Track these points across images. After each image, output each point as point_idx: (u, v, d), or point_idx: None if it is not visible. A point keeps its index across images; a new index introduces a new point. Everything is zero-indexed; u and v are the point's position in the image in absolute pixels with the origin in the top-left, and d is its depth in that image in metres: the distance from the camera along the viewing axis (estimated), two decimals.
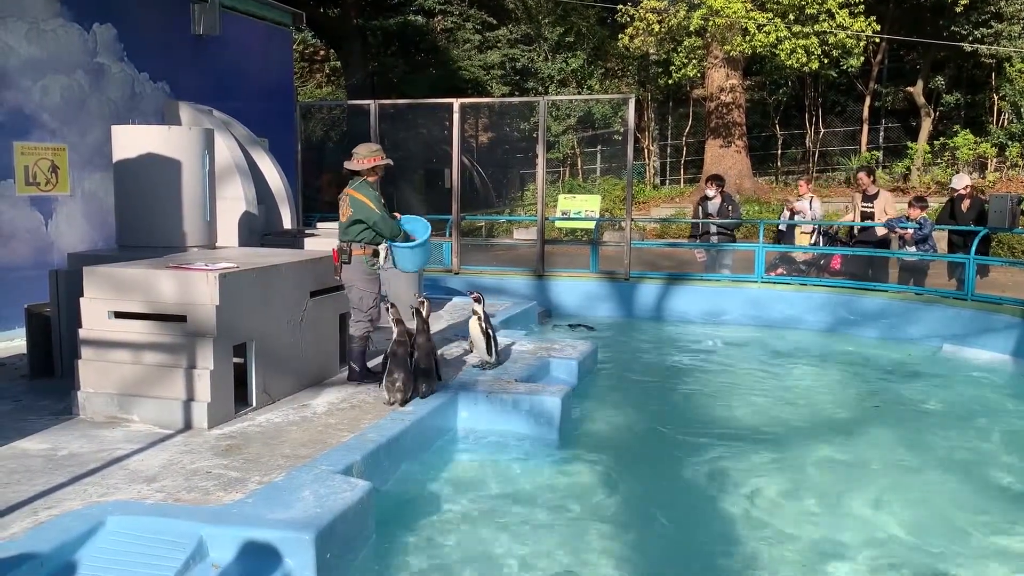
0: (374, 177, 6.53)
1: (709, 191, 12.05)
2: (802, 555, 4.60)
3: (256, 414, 5.78)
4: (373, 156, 6.48)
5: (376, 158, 6.48)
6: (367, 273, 6.49)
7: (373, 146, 6.64)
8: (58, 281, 6.66)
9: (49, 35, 8.59)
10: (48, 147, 8.62)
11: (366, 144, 6.70)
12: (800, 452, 6.22)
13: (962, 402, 7.69)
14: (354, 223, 6.45)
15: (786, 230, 12.13)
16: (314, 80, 30.94)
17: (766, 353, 9.62)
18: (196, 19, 10.39)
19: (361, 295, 6.50)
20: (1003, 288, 10.65)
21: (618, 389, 7.97)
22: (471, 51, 25.65)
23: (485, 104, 22.93)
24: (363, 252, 6.44)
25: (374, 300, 6.55)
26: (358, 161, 6.48)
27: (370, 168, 6.48)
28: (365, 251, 6.45)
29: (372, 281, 6.54)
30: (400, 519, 4.84)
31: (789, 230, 12.09)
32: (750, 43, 18.52)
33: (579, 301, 11.62)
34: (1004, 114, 22.78)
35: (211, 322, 5.48)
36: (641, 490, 5.53)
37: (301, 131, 12.76)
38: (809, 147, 25.56)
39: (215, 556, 3.93)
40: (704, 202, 12.13)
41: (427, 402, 6.06)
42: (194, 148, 7.15)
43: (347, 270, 6.46)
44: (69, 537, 3.83)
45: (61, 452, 4.99)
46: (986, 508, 5.27)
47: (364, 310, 6.52)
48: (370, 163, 6.46)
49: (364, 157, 6.48)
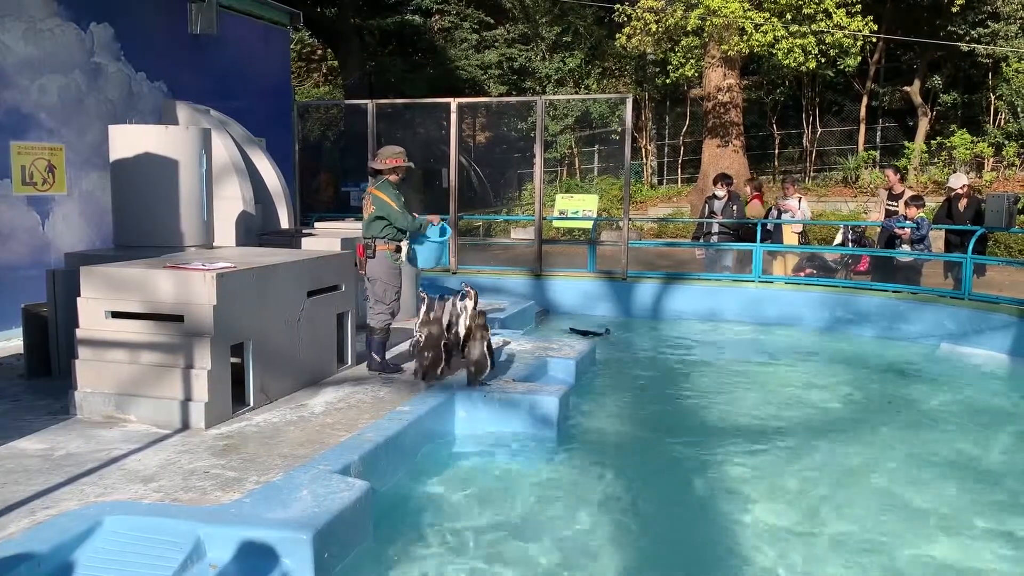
0: (395, 177, 6.93)
1: (719, 191, 12.08)
2: (799, 554, 4.60)
3: (253, 414, 5.78)
4: (395, 158, 6.91)
5: (398, 160, 6.90)
6: (390, 267, 6.85)
7: (396, 148, 7.03)
8: (55, 281, 6.65)
9: (46, 34, 8.58)
10: (45, 147, 8.61)
11: (390, 146, 7.12)
12: (797, 451, 6.22)
13: (960, 401, 7.69)
14: (376, 219, 6.82)
15: (773, 229, 12.12)
16: (311, 80, 30.91)
17: (763, 352, 9.63)
18: (193, 18, 10.38)
19: (385, 288, 6.86)
20: (1000, 287, 10.67)
21: (616, 388, 7.98)
22: (468, 51, 25.64)
23: (483, 104, 22.94)
24: (387, 247, 6.82)
25: (396, 293, 6.92)
26: (381, 161, 6.93)
27: (391, 168, 6.89)
28: (388, 247, 6.82)
29: (395, 275, 6.91)
30: (398, 519, 4.84)
31: (776, 229, 12.07)
32: (747, 43, 18.52)
33: (577, 301, 11.63)
34: (1001, 114, 22.80)
35: (208, 322, 5.47)
36: (639, 489, 5.53)
37: (298, 130, 12.76)
38: (806, 147, 25.57)
39: (213, 556, 3.93)
40: (711, 201, 12.15)
41: (425, 402, 6.06)
42: (191, 148, 7.15)
43: (371, 264, 6.85)
44: (67, 537, 3.83)
45: (58, 452, 4.98)
46: (985, 509, 5.28)
47: (387, 303, 6.88)
48: (391, 164, 6.89)
49: (387, 158, 6.92)
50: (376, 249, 6.82)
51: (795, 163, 26.30)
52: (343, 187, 20.93)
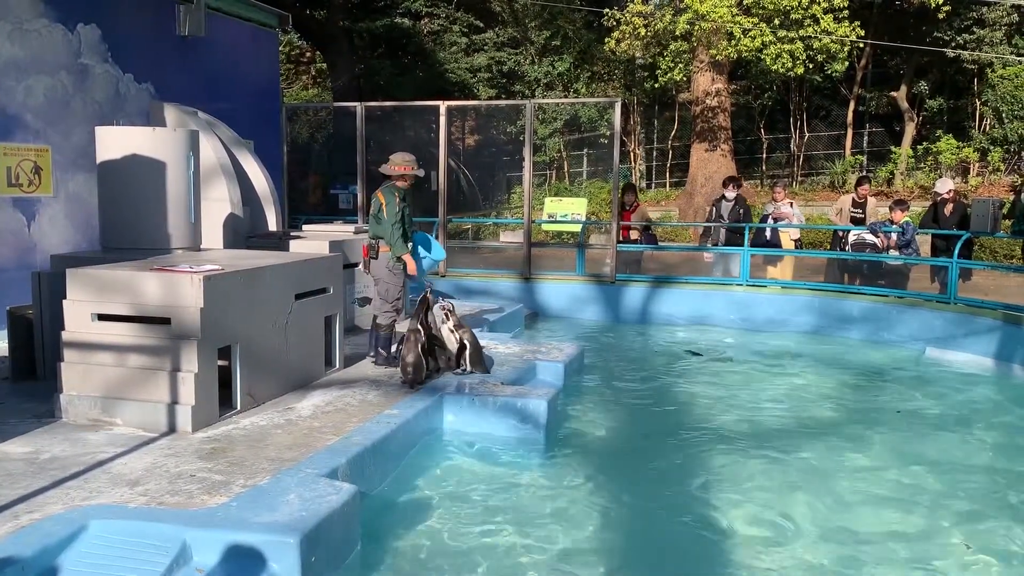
0: (403, 183, 7.17)
1: (729, 192, 12.05)
2: (784, 557, 4.62)
3: (240, 417, 5.76)
4: (405, 165, 7.15)
5: (408, 167, 7.15)
6: (393, 268, 7.12)
7: (408, 156, 7.23)
8: (41, 283, 6.61)
9: (33, 35, 8.52)
10: (31, 148, 8.55)
11: (402, 153, 7.27)
12: (784, 454, 6.24)
13: (948, 405, 7.74)
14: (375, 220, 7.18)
15: (770, 235, 12.10)
16: (300, 82, 30.85)
17: (751, 356, 9.66)
18: (181, 20, 10.33)
19: (388, 287, 7.17)
20: (985, 292, 10.73)
21: (605, 391, 7.98)
22: (458, 54, 25.64)
23: (472, 107, 22.92)
24: (387, 249, 7.09)
25: (399, 291, 7.21)
26: (391, 167, 7.17)
27: (400, 175, 7.13)
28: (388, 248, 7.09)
29: (398, 275, 7.18)
30: (386, 522, 4.83)
31: (773, 235, 12.06)
32: (736, 47, 18.60)
33: (566, 304, 11.65)
34: (986, 119, 22.99)
35: (195, 324, 5.45)
36: (627, 492, 5.54)
37: (287, 133, 12.72)
38: (794, 151, 25.71)
39: (199, 560, 3.91)
40: (719, 203, 12.14)
41: (413, 405, 6.05)
42: (179, 149, 7.11)
43: (375, 265, 7.18)
44: (51, 541, 3.80)
45: (43, 455, 4.95)
46: (971, 514, 5.31)
47: (390, 301, 7.19)
48: (400, 171, 7.13)
49: (396, 164, 7.15)
50: (379, 250, 7.09)
51: (783, 167, 26.44)
52: (332, 190, 20.88)
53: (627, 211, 12.38)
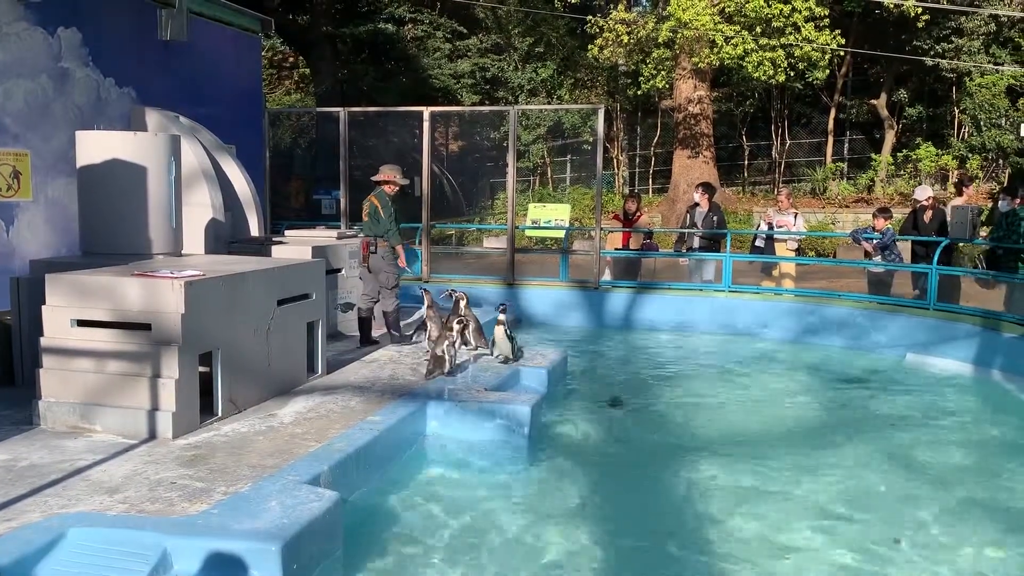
0: (391, 188, 8.33)
1: (698, 197, 11.93)
2: (765, 561, 4.63)
3: (222, 424, 5.72)
4: (390, 173, 8.34)
5: (391, 175, 8.32)
6: (390, 260, 8.23)
7: (397, 168, 8.44)
8: (19, 289, 6.54)
9: (12, 39, 8.44)
10: (10, 152, 8.46)
11: (391, 164, 8.51)
12: (766, 460, 6.26)
13: (928, 411, 7.79)
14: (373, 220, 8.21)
15: (764, 245, 11.94)
16: (283, 87, 30.76)
17: (733, 362, 9.70)
18: (163, 24, 10.27)
19: (388, 276, 8.24)
20: (965, 298, 10.83)
21: (588, 398, 7.99)
22: (441, 60, 25.65)
23: (455, 113, 22.90)
24: (386, 244, 8.19)
25: (397, 279, 8.34)
26: (382, 175, 8.35)
27: (386, 181, 8.31)
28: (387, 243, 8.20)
29: (395, 265, 8.30)
30: (369, 529, 4.81)
31: (768, 243, 11.94)
32: (718, 55, 18.74)
33: (549, 309, 11.66)
34: (965, 127, 23.26)
35: (176, 331, 5.41)
36: (610, 497, 5.55)
37: (269, 138, 12.67)
38: (775, 158, 25.91)
39: (180, 568, 3.88)
40: (692, 210, 12.10)
41: (395, 411, 6.03)
42: (160, 154, 7.06)
43: (374, 259, 8.21)
44: (29, 550, 3.76)
45: (21, 463, 4.89)
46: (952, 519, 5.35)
47: (390, 287, 8.27)
48: (384, 178, 8.32)
49: (384, 173, 8.35)
50: (379, 245, 8.14)
51: (764, 174, 26.63)
52: (314, 195, 20.83)
53: (630, 219, 12.39)
